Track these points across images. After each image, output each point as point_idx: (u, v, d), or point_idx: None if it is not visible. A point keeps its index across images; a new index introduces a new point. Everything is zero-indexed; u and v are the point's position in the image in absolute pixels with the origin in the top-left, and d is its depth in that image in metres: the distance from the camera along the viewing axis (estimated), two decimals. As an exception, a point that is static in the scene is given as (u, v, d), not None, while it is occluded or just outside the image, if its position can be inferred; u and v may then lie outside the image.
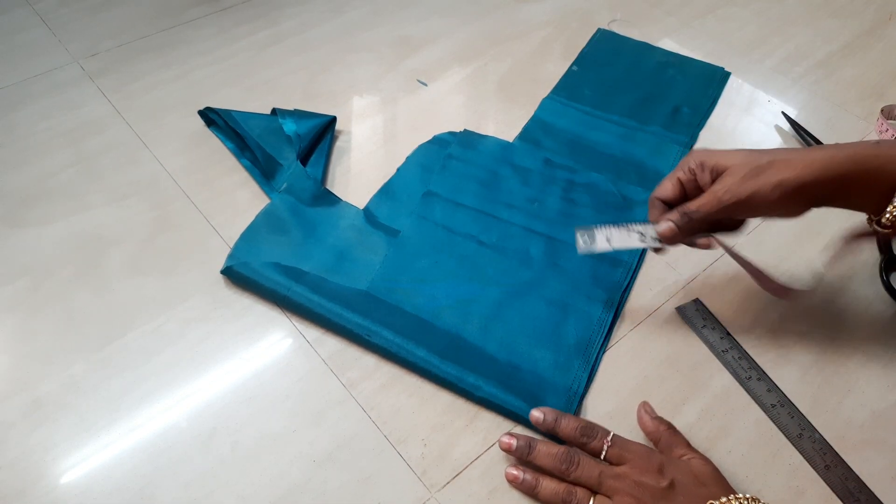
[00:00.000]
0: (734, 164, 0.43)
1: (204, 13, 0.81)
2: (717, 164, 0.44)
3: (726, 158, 0.44)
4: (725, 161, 0.44)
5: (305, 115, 0.64)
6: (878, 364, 0.50)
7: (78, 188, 0.60)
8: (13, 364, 0.48)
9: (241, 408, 0.46)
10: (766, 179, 0.42)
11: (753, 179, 0.42)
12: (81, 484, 0.42)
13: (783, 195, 0.42)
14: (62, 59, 0.74)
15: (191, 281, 0.53)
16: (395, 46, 0.78)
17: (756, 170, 0.42)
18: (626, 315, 0.53)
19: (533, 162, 0.64)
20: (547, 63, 0.77)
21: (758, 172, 0.42)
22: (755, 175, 0.42)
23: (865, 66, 0.78)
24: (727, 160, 0.44)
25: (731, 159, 0.44)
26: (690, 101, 0.72)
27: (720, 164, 0.44)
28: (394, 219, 0.58)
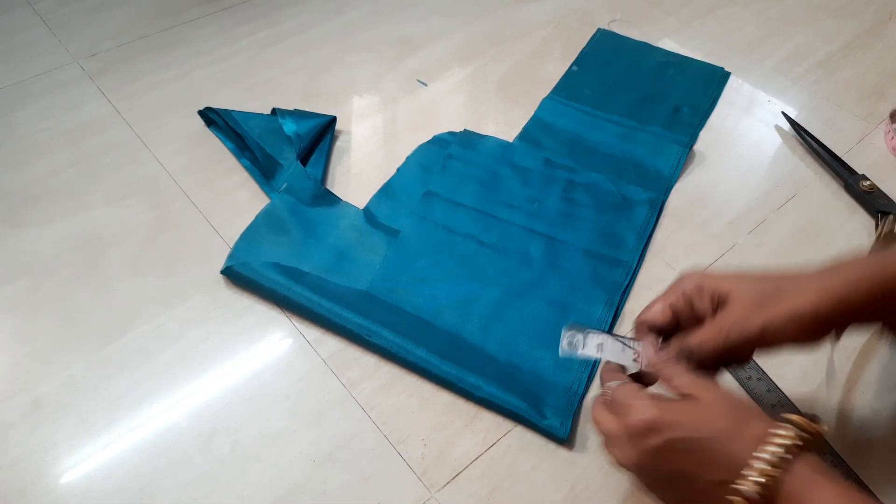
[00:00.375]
0: (737, 292, 0.37)
1: (204, 13, 0.81)
2: (718, 290, 0.38)
3: (726, 283, 0.38)
4: (726, 287, 0.38)
5: (305, 115, 0.64)
6: (879, 364, 0.50)
7: (78, 188, 0.60)
8: (13, 364, 0.48)
9: (241, 408, 0.46)
10: (777, 310, 0.35)
11: (766, 309, 0.36)
12: (81, 484, 0.42)
13: (799, 328, 0.35)
14: (62, 59, 0.74)
15: (191, 281, 0.53)
16: (395, 46, 0.78)
17: (764, 299, 0.36)
18: (626, 315, 0.53)
19: (533, 162, 0.64)
20: (547, 63, 0.77)
21: (766, 302, 0.36)
22: (767, 303, 0.36)
23: (865, 66, 0.78)
24: (728, 286, 0.38)
25: (732, 285, 0.38)
26: (690, 101, 0.72)
27: (720, 290, 0.38)
28: (394, 219, 0.58)
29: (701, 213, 0.61)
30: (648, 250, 0.57)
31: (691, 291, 0.39)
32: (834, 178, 0.65)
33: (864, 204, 0.61)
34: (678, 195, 0.62)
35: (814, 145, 0.67)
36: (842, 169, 0.64)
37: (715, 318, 0.37)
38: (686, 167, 0.65)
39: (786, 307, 0.35)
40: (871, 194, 0.61)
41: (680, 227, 0.60)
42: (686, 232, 0.59)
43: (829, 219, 0.61)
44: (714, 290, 0.38)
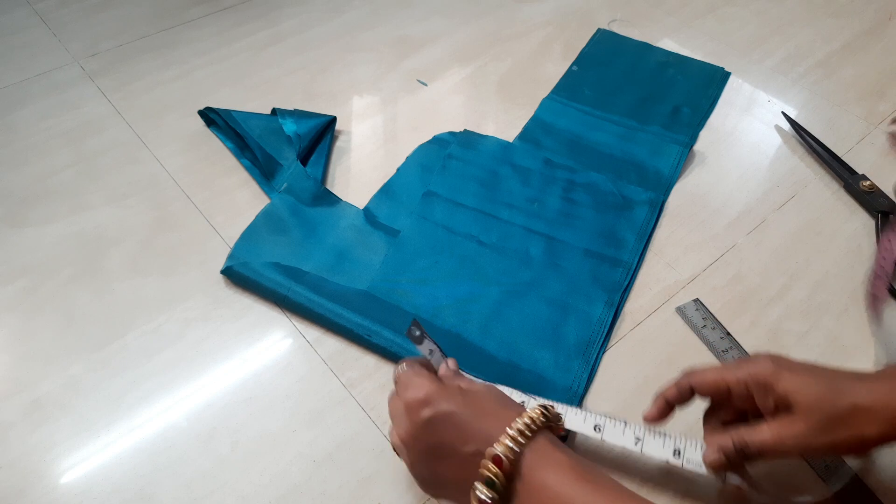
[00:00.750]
0: (805, 407, 0.36)
1: (204, 13, 0.81)
2: (785, 395, 0.37)
3: (796, 393, 0.37)
4: (795, 396, 0.36)
5: (305, 115, 0.64)
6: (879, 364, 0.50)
7: (78, 188, 0.60)
8: (13, 364, 0.48)
9: (241, 408, 0.46)
10: (846, 435, 0.35)
11: (831, 433, 0.35)
12: (81, 484, 0.42)
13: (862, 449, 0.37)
14: (62, 59, 0.74)
15: (191, 281, 0.53)
16: (395, 46, 0.78)
17: (832, 420, 0.35)
18: (626, 315, 0.53)
19: (533, 162, 0.64)
20: (547, 63, 0.77)
21: (834, 424, 0.35)
22: (833, 428, 0.35)
23: (865, 66, 0.78)
24: (797, 396, 0.36)
25: (802, 395, 0.36)
26: (690, 101, 0.72)
27: (789, 396, 0.37)
28: (394, 219, 0.58)
29: (701, 213, 0.61)
30: (648, 250, 0.57)
31: (755, 386, 0.38)
32: (834, 178, 0.65)
33: (864, 204, 0.61)
34: (678, 195, 0.62)
35: (814, 145, 0.67)
36: (842, 169, 0.64)
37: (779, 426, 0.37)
38: (686, 167, 0.65)
39: (852, 434, 0.35)
40: (871, 194, 0.61)
41: (680, 227, 0.60)
42: (686, 232, 0.59)
43: (829, 219, 0.61)
44: (781, 395, 0.37)
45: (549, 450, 0.34)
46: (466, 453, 0.34)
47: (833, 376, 0.37)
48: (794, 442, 0.36)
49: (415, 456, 0.37)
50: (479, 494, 0.33)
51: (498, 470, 0.33)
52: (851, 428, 0.35)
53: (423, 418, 0.35)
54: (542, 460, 0.33)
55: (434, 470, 0.36)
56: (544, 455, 0.34)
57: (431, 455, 0.36)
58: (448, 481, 0.36)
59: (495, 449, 0.33)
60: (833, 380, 0.37)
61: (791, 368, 0.38)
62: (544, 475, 0.33)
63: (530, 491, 0.33)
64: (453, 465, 0.35)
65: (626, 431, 0.41)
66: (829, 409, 0.36)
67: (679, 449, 0.40)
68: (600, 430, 0.41)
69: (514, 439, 0.33)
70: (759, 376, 0.38)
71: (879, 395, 0.35)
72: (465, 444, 0.34)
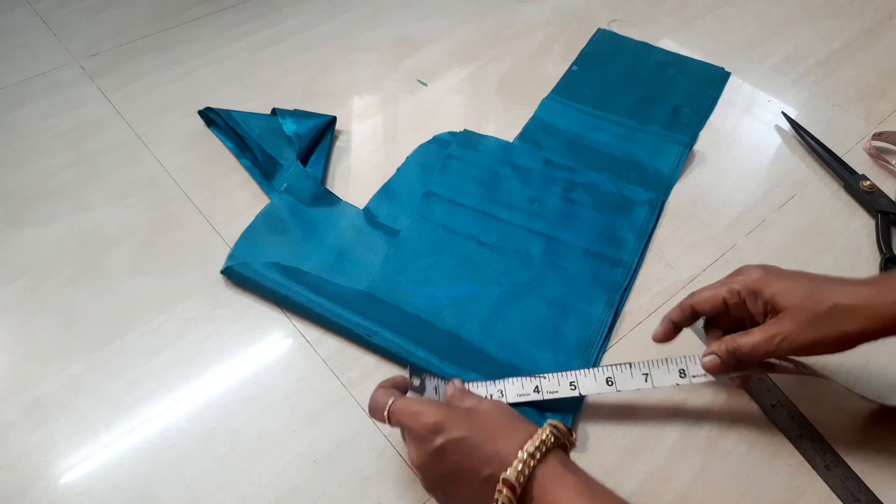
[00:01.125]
0: (792, 307, 0.39)
1: (204, 13, 0.81)
2: (773, 300, 0.40)
3: (782, 294, 0.40)
4: (781, 298, 0.40)
5: (305, 115, 0.64)
6: (879, 364, 0.50)
7: (78, 188, 0.60)
8: (13, 364, 0.48)
9: (241, 408, 0.46)
10: (829, 330, 0.39)
11: (814, 329, 0.39)
12: (81, 484, 0.42)
13: (845, 346, 0.39)
14: (62, 59, 0.74)
15: (191, 281, 0.53)
16: (395, 46, 0.78)
17: (816, 318, 0.39)
18: (626, 315, 0.53)
19: (533, 162, 0.64)
20: (547, 63, 0.77)
21: (819, 321, 0.39)
22: (816, 324, 0.39)
23: (865, 66, 0.78)
24: (784, 298, 0.40)
25: (788, 297, 0.40)
26: (690, 101, 0.72)
27: (776, 301, 0.40)
28: (394, 219, 0.58)
29: (701, 213, 0.61)
30: (648, 250, 0.57)
31: (747, 294, 0.41)
32: (834, 178, 0.65)
33: (864, 204, 0.61)
34: (678, 195, 0.62)
35: (814, 145, 0.67)
36: (842, 169, 0.64)
37: (767, 326, 0.40)
38: (686, 167, 0.65)
39: (836, 329, 0.38)
40: (871, 194, 0.61)
41: (680, 227, 0.60)
42: (686, 232, 0.59)
43: (829, 219, 0.61)
44: (770, 298, 0.40)
45: (560, 471, 0.35)
46: (480, 479, 0.35)
47: (818, 280, 0.40)
48: (780, 339, 0.39)
49: (430, 482, 0.38)
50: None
51: (511, 495, 0.34)
52: (835, 325, 0.38)
53: (436, 446, 0.36)
54: (553, 482, 0.34)
55: (449, 493, 0.37)
56: (555, 476, 0.34)
57: (446, 480, 0.37)
58: (464, 501, 0.37)
59: (507, 475, 0.34)
60: (818, 282, 0.40)
61: (779, 274, 0.41)
62: (556, 497, 0.34)
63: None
64: (468, 488, 0.36)
65: (634, 372, 0.44)
66: (814, 307, 0.39)
67: (683, 369, 0.43)
68: (613, 382, 0.44)
69: (525, 463, 0.34)
70: (749, 284, 0.41)
71: (861, 295, 0.39)
72: (479, 471, 0.35)
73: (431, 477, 0.37)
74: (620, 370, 0.44)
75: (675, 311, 0.45)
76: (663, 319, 0.45)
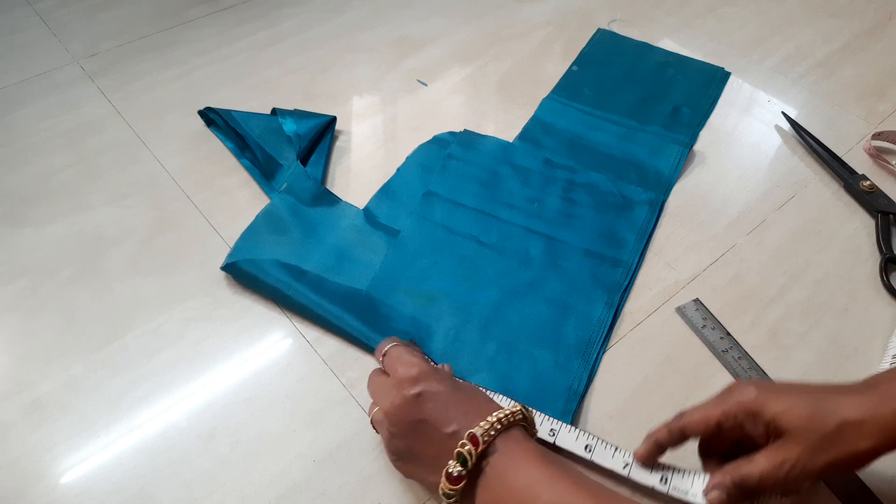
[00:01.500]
0: (796, 430, 0.36)
1: (204, 13, 0.81)
2: (775, 422, 0.37)
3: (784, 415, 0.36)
4: (784, 419, 0.36)
5: (305, 115, 0.64)
6: (879, 364, 0.50)
7: (78, 188, 0.60)
8: (13, 364, 0.48)
9: (241, 408, 0.46)
10: (839, 452, 0.35)
11: (824, 452, 0.35)
12: (81, 484, 0.42)
13: (858, 465, 0.36)
14: (62, 59, 0.74)
15: (191, 281, 0.53)
16: (395, 46, 0.78)
17: (824, 439, 0.35)
18: (626, 315, 0.53)
19: (533, 162, 0.64)
20: (547, 63, 0.77)
21: (827, 442, 0.35)
22: (826, 447, 0.35)
23: (865, 66, 0.78)
24: (786, 419, 0.36)
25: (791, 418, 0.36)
26: (690, 101, 0.72)
27: (778, 422, 0.37)
28: (394, 219, 0.58)
29: (701, 213, 0.61)
30: (648, 250, 0.57)
31: (744, 415, 0.38)
32: (834, 178, 0.65)
33: (864, 204, 0.61)
34: (678, 195, 0.62)
35: (814, 145, 0.67)
36: (842, 169, 0.64)
37: (772, 452, 0.37)
38: (686, 167, 0.65)
39: (847, 450, 0.35)
40: (871, 194, 0.61)
41: (680, 227, 0.60)
42: (686, 232, 0.59)
43: (829, 219, 0.61)
44: (771, 420, 0.37)
45: (522, 439, 0.37)
46: (446, 433, 0.37)
47: (818, 394, 0.37)
48: (789, 466, 0.36)
49: (396, 429, 0.39)
50: (450, 469, 0.35)
51: (472, 447, 0.35)
52: (845, 445, 0.35)
53: (413, 393, 0.38)
54: (514, 446, 0.36)
55: (411, 446, 0.38)
56: (516, 442, 0.37)
57: (412, 430, 0.38)
58: (422, 458, 0.38)
59: (474, 430, 0.36)
60: (819, 397, 0.37)
61: (776, 391, 0.38)
62: (512, 459, 0.36)
63: (496, 470, 0.35)
64: (431, 442, 0.37)
65: (616, 455, 0.42)
66: (820, 428, 0.36)
67: (666, 476, 0.41)
68: (591, 450, 0.43)
69: (492, 424, 0.36)
70: (746, 405, 0.38)
71: (867, 407, 0.36)
72: (447, 424, 0.37)
73: (399, 422, 0.38)
74: (604, 445, 0.43)
75: (663, 432, 0.41)
76: (648, 438, 0.41)
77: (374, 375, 0.42)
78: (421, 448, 0.38)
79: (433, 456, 0.37)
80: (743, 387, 0.39)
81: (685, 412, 0.41)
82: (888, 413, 0.35)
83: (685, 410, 0.41)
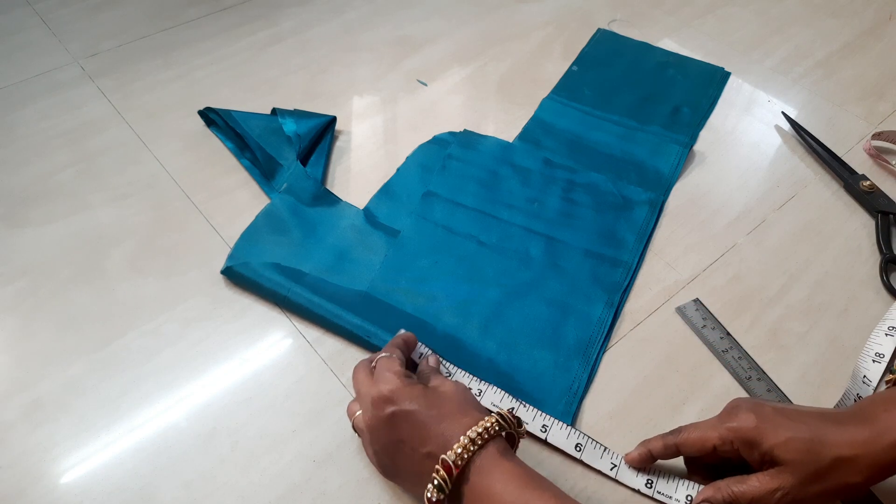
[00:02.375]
0: (792, 461, 0.37)
1: (204, 13, 0.81)
2: (771, 453, 0.38)
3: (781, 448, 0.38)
4: (780, 452, 0.38)
5: (305, 115, 0.64)
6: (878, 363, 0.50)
7: (78, 188, 0.60)
8: (13, 364, 0.48)
9: (241, 408, 0.46)
10: (831, 484, 0.37)
11: (818, 484, 0.37)
12: (81, 484, 0.42)
13: (847, 496, 0.39)
14: (62, 59, 0.74)
15: (191, 281, 0.53)
16: (395, 46, 0.78)
17: (818, 473, 0.37)
18: (626, 315, 0.53)
19: (533, 162, 0.64)
20: (547, 63, 0.77)
21: (820, 476, 0.37)
22: (818, 479, 0.37)
23: (865, 66, 0.78)
24: (783, 452, 0.38)
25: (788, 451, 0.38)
26: (690, 101, 0.72)
27: (774, 453, 0.38)
28: (394, 219, 0.58)
29: (701, 213, 0.61)
30: (648, 250, 0.57)
31: (741, 442, 0.39)
32: (834, 178, 0.65)
33: (864, 204, 0.61)
34: (678, 195, 0.62)
35: (814, 145, 0.67)
36: (842, 169, 0.64)
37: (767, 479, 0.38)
38: (686, 167, 0.65)
39: (839, 483, 0.37)
40: (871, 194, 0.61)
41: (680, 227, 0.60)
42: (686, 232, 0.59)
43: (829, 219, 0.61)
44: (768, 451, 0.38)
45: (497, 459, 0.36)
46: (422, 454, 0.37)
47: (815, 425, 0.38)
48: (781, 495, 0.38)
49: (375, 445, 0.39)
50: (429, 494, 0.35)
51: (447, 476, 0.35)
52: (837, 478, 0.37)
53: (386, 414, 0.38)
54: (490, 467, 0.35)
55: (392, 460, 0.39)
56: (493, 463, 0.35)
57: (390, 447, 0.38)
58: (403, 472, 0.38)
59: (447, 456, 0.35)
60: (816, 430, 0.38)
61: (774, 423, 0.39)
62: (490, 481, 0.35)
63: (476, 495, 0.35)
64: (409, 460, 0.37)
65: (605, 456, 0.43)
66: (815, 462, 0.37)
67: (652, 480, 0.42)
68: (581, 449, 0.43)
69: (466, 448, 0.35)
70: (745, 434, 0.39)
71: (860, 442, 0.37)
72: (422, 445, 0.37)
73: (378, 440, 0.39)
74: (594, 445, 0.43)
75: (658, 444, 0.42)
76: (642, 446, 0.43)
77: (359, 370, 0.42)
78: (401, 464, 0.38)
79: (415, 472, 0.37)
80: (742, 414, 0.40)
81: (683, 429, 0.41)
82: (880, 450, 0.37)
83: (683, 427, 0.42)
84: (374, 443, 0.39)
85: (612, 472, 0.42)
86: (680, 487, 0.41)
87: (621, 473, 0.42)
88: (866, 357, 0.48)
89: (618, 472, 0.42)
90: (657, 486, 0.42)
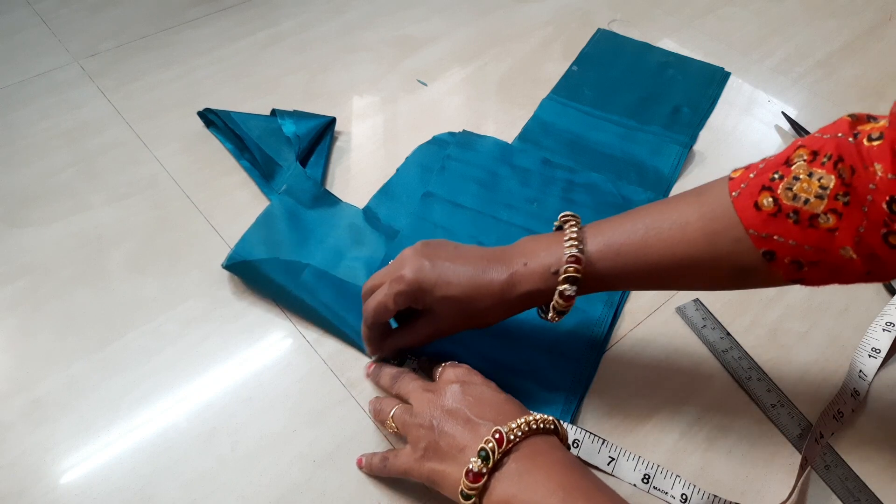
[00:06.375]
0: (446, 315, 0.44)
1: (204, 13, 0.81)
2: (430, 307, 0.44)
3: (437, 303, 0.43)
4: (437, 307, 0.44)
5: (305, 115, 0.64)
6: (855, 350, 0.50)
7: (78, 188, 0.60)
8: (13, 364, 0.48)
9: (241, 408, 0.46)
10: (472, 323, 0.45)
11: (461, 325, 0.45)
12: (81, 484, 0.42)
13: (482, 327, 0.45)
14: (62, 59, 0.74)
15: (191, 281, 0.53)
16: (395, 46, 0.78)
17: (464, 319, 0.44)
18: (626, 315, 0.53)
19: (532, 162, 0.64)
20: (547, 63, 0.77)
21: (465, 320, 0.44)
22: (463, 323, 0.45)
23: (865, 66, 0.78)
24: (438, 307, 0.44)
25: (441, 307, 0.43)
26: (690, 101, 0.72)
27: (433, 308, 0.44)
28: (393, 219, 0.58)
29: (701, 213, 0.61)
30: (648, 250, 0.57)
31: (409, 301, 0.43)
32: (834, 178, 0.65)
33: (864, 204, 0.61)
34: (678, 195, 0.62)
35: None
36: (842, 169, 0.64)
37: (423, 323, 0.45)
38: (686, 167, 0.65)
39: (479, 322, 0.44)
40: (871, 194, 0.61)
41: (680, 227, 0.60)
42: (686, 232, 0.59)
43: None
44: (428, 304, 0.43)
45: (548, 449, 0.36)
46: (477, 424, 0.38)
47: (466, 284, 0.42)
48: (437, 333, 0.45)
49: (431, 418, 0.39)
50: (471, 465, 0.35)
51: (496, 445, 0.35)
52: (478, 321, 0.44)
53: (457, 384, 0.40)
54: (541, 449, 0.36)
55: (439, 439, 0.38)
56: (547, 445, 0.36)
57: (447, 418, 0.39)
58: (447, 452, 0.38)
59: (502, 428, 0.36)
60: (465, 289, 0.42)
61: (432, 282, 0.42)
62: (534, 464, 0.35)
63: (513, 473, 0.35)
64: (460, 434, 0.38)
65: (602, 450, 0.43)
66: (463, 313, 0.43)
67: (649, 475, 0.42)
68: (578, 444, 0.43)
69: (519, 426, 0.36)
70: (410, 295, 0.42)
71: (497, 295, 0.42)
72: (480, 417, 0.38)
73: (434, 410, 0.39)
74: (591, 440, 0.43)
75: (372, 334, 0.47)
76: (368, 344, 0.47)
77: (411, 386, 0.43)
78: (448, 441, 0.38)
79: (459, 448, 0.37)
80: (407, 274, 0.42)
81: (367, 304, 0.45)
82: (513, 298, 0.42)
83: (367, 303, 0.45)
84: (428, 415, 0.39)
85: (608, 468, 0.43)
86: (676, 485, 0.42)
87: (618, 469, 0.43)
88: (863, 352, 0.48)
89: (615, 468, 0.43)
90: (654, 481, 0.42)
